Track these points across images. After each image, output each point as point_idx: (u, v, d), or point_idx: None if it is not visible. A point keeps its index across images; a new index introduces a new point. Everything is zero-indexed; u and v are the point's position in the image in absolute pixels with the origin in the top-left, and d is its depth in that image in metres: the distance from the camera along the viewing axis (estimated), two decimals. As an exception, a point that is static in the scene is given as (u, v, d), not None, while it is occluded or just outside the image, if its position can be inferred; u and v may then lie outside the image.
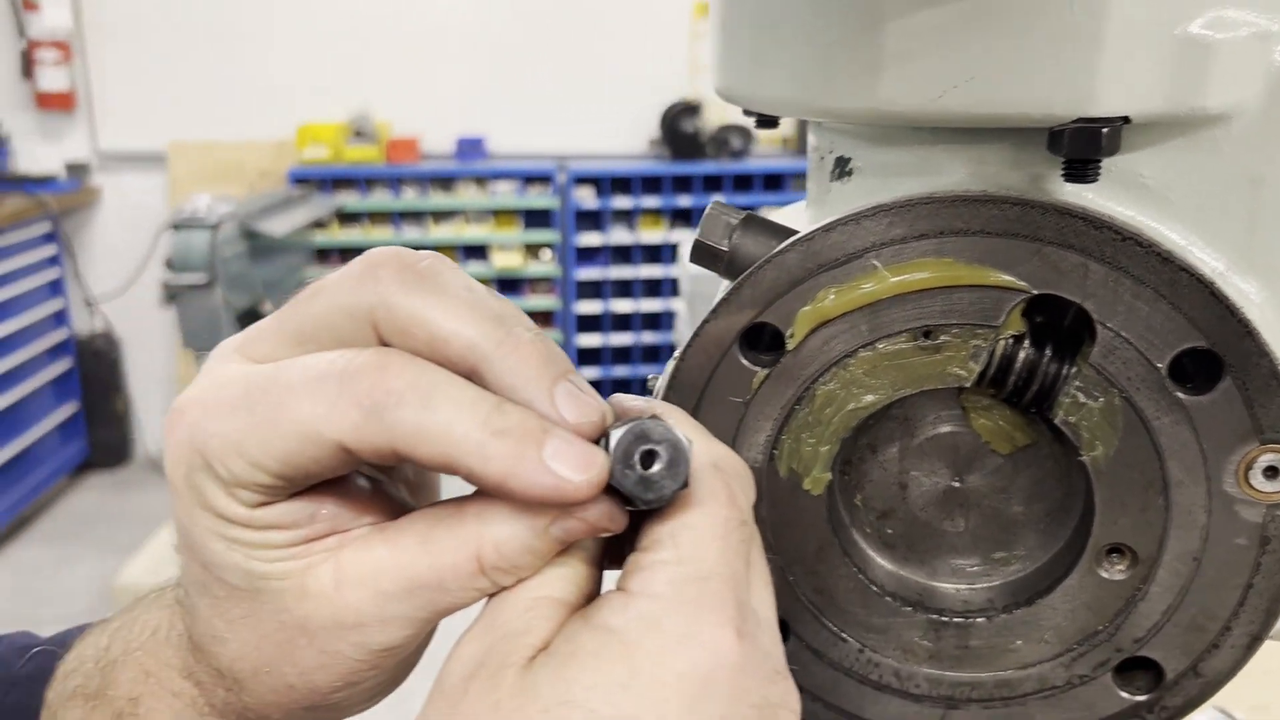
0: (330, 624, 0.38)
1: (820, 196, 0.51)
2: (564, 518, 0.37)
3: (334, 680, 0.40)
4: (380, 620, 0.38)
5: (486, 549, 0.37)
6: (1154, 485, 0.44)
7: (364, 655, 0.39)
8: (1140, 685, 0.46)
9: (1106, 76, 0.40)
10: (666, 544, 0.37)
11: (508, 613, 0.37)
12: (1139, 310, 0.42)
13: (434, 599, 0.38)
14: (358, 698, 0.42)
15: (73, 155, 4.77)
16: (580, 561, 0.39)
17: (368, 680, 0.41)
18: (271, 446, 0.36)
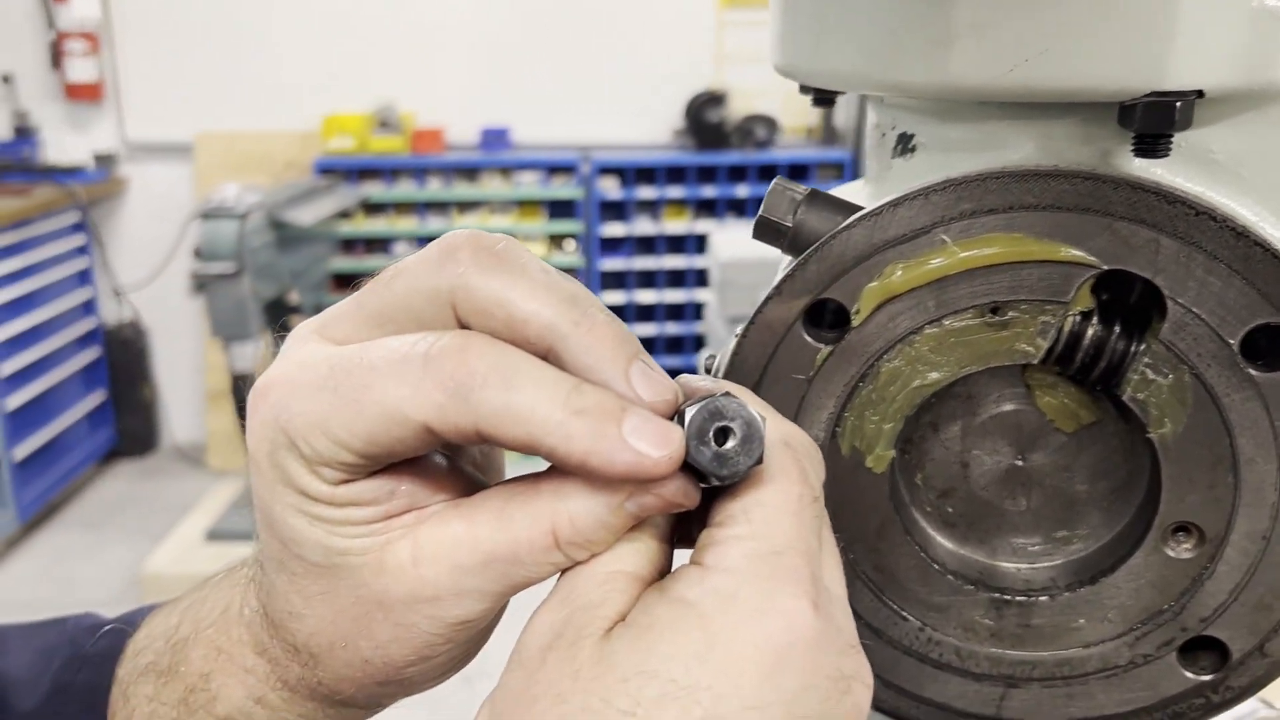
0: (407, 598, 0.39)
1: (881, 174, 0.51)
2: (640, 493, 0.37)
3: (408, 654, 0.40)
4: (456, 594, 0.39)
5: (562, 524, 0.37)
6: (1223, 463, 0.43)
7: (439, 629, 0.39)
8: (1205, 665, 0.46)
9: (1181, 50, 0.40)
10: (740, 519, 0.37)
11: (583, 585, 0.37)
12: (1211, 286, 0.42)
13: (509, 572, 0.38)
14: (430, 672, 0.42)
15: (101, 146, 4.80)
16: (652, 537, 0.39)
17: (441, 654, 0.41)
18: (356, 426, 0.37)
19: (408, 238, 4.78)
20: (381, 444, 0.37)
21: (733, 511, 0.37)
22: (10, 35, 4.68)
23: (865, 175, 0.54)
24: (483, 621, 0.41)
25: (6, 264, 3.99)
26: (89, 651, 0.50)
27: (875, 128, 0.51)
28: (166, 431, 5.04)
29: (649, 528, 0.39)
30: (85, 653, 0.50)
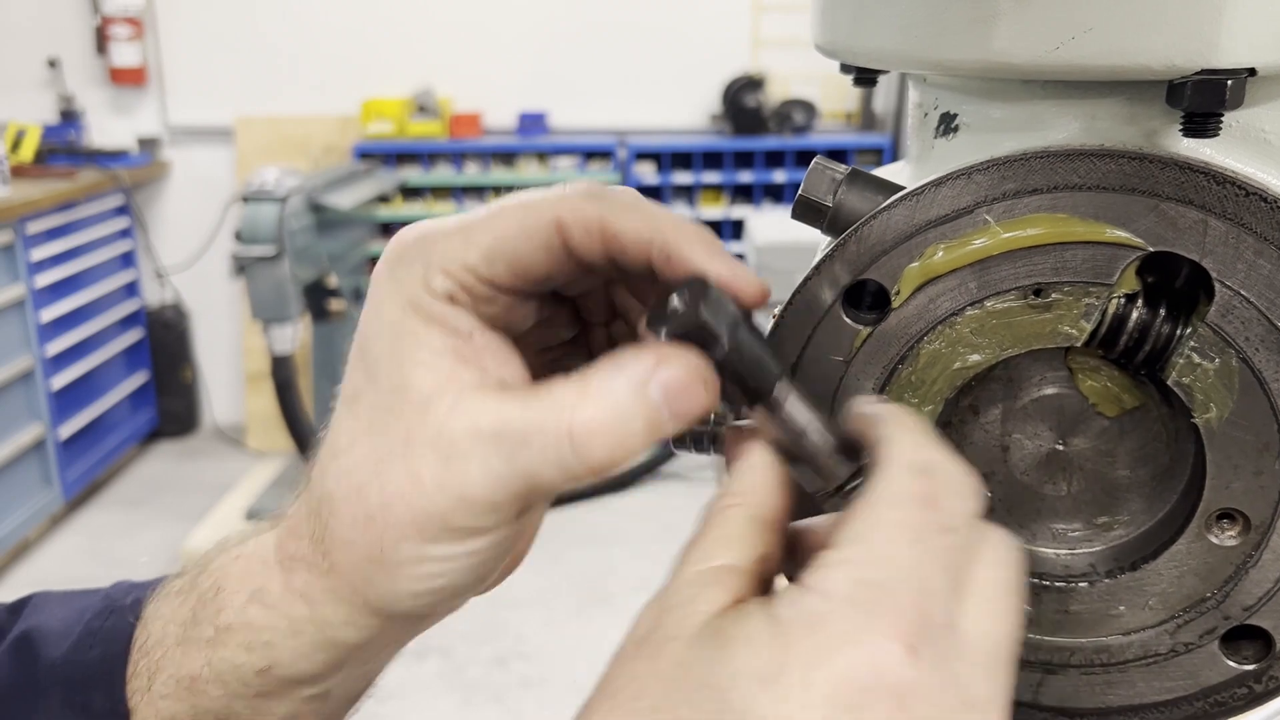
0: (428, 440, 0.40)
1: (923, 154, 0.50)
2: (662, 368, 0.38)
3: (406, 521, 0.41)
4: (464, 456, 0.40)
5: (579, 418, 0.39)
6: (1270, 448, 0.43)
7: (442, 499, 0.40)
8: (1248, 655, 0.45)
9: (1232, 27, 0.39)
10: (853, 543, 0.35)
11: (678, 583, 0.37)
12: (1261, 268, 0.41)
13: (518, 453, 0.39)
14: (423, 590, 0.42)
15: (144, 129, 4.86)
16: (756, 529, 0.38)
17: (436, 560, 0.41)
18: (493, 229, 0.41)
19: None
20: (507, 252, 0.41)
21: (848, 533, 0.35)
22: (56, 20, 4.74)
23: (907, 156, 0.54)
24: (482, 531, 0.41)
25: (52, 246, 4.06)
26: (120, 603, 0.50)
27: (917, 107, 0.51)
28: (207, 412, 5.11)
29: (757, 523, 0.38)
30: (117, 604, 0.50)
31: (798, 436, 0.41)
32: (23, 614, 0.51)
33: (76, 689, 0.48)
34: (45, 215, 4.00)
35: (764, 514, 0.39)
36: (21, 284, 3.88)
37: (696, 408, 0.39)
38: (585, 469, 0.39)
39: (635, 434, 0.39)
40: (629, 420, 0.39)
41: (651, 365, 0.39)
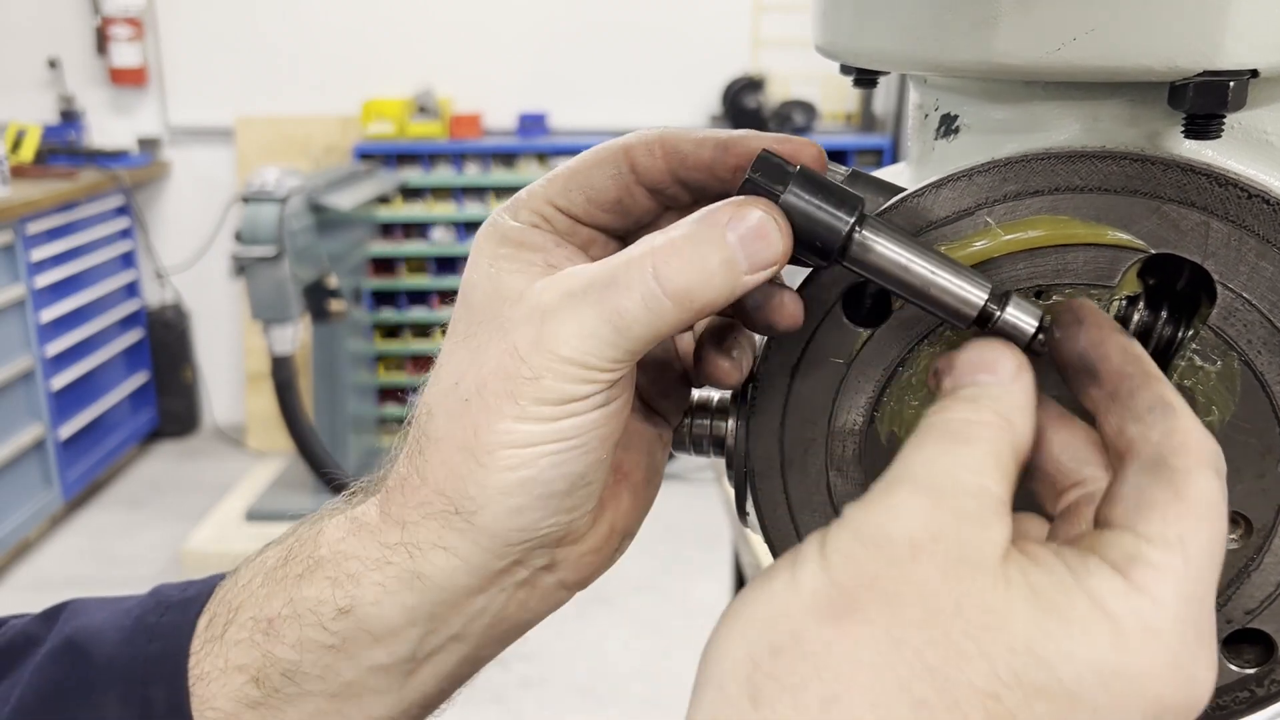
0: (523, 316, 0.42)
1: (924, 155, 0.50)
2: (735, 211, 0.40)
3: (501, 396, 0.42)
4: (556, 314, 0.41)
5: (659, 242, 0.41)
6: (1272, 452, 0.42)
7: (538, 361, 0.41)
8: (1250, 658, 0.45)
9: (1235, 28, 0.39)
10: (1175, 546, 0.34)
11: (954, 483, 0.35)
12: (1263, 271, 0.41)
13: (606, 295, 0.41)
14: (513, 483, 0.42)
15: (144, 130, 4.87)
16: (1017, 464, 0.37)
17: (527, 443, 0.42)
18: (569, 165, 0.47)
19: (445, 223, 4.80)
20: (580, 180, 0.46)
21: (1166, 532, 0.35)
22: (57, 21, 4.75)
23: (907, 157, 0.53)
24: (577, 391, 0.42)
25: (52, 246, 4.06)
26: (173, 599, 0.49)
27: (918, 109, 0.50)
28: (207, 413, 5.11)
29: (1014, 449, 0.37)
30: (171, 600, 0.49)
31: (901, 278, 0.41)
32: (59, 619, 0.50)
33: (135, 685, 0.46)
34: (45, 215, 4.00)
35: (1022, 446, 0.37)
36: (21, 284, 3.88)
37: (770, 251, 0.41)
38: (668, 295, 0.40)
39: (713, 268, 0.40)
40: (706, 252, 0.40)
41: (726, 209, 0.41)
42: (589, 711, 3.19)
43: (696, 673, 0.36)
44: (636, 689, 3.28)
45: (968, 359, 0.39)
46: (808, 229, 0.41)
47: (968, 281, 0.40)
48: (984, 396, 0.38)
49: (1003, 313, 0.40)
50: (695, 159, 0.45)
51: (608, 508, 0.48)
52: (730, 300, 0.41)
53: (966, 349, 0.39)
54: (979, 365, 0.39)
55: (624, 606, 3.71)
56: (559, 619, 2.02)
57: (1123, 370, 0.38)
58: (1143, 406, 0.37)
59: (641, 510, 0.51)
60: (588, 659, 3.41)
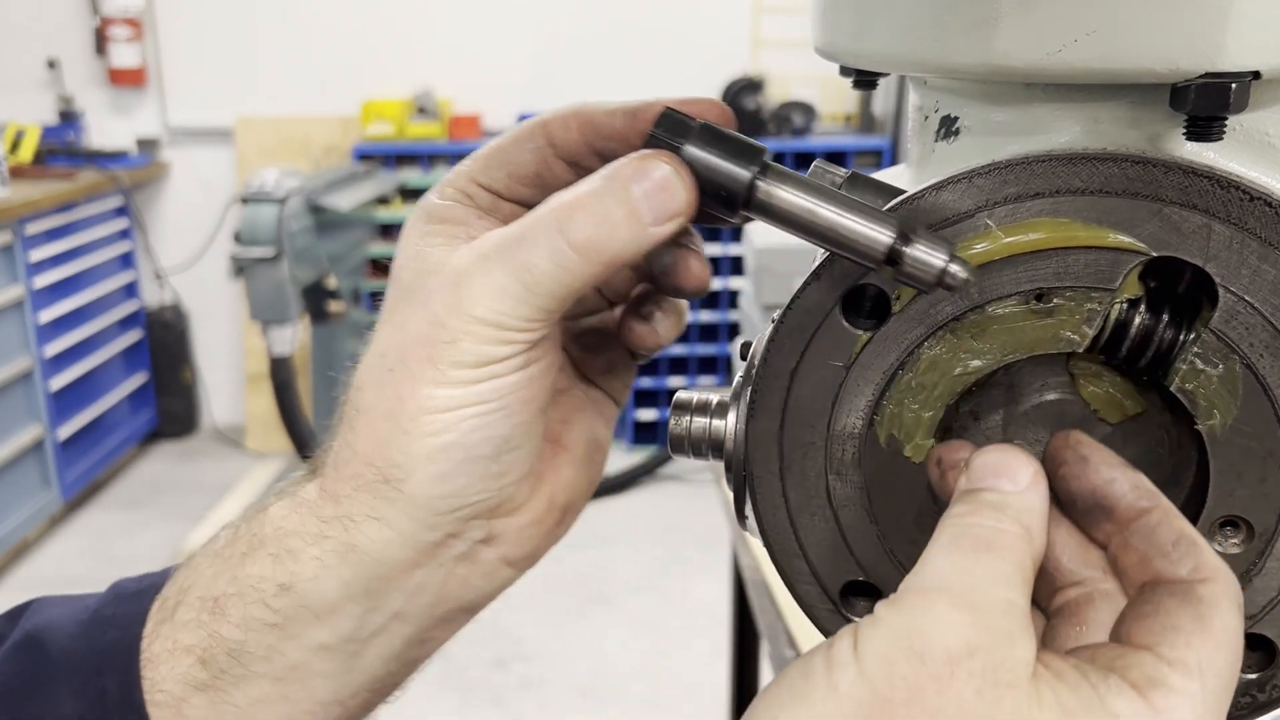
0: (443, 284, 0.43)
1: (924, 157, 0.50)
2: (637, 164, 0.42)
3: (421, 362, 0.43)
4: (470, 276, 0.43)
5: (565, 199, 0.42)
6: (1274, 455, 0.42)
7: (455, 324, 0.42)
8: (1251, 663, 0.45)
9: (1237, 29, 0.39)
10: (1195, 673, 0.36)
11: (989, 600, 0.36)
12: (1265, 274, 0.40)
13: (515, 253, 0.42)
14: (437, 448, 0.43)
15: (143, 130, 4.86)
16: (1033, 574, 0.38)
17: (450, 408, 0.43)
18: (490, 143, 0.48)
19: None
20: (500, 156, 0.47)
21: (1185, 655, 0.36)
22: (56, 21, 4.74)
23: (907, 159, 0.53)
24: (493, 354, 0.43)
25: (51, 247, 4.06)
26: (132, 589, 0.49)
27: (918, 110, 0.50)
28: (206, 413, 5.11)
29: (1035, 560, 0.38)
30: (126, 591, 0.49)
31: (808, 222, 0.42)
32: (23, 617, 0.51)
33: (90, 676, 0.46)
34: (44, 216, 4.00)
35: (1039, 556, 0.39)
36: (20, 285, 3.87)
37: (674, 202, 0.42)
38: (573, 249, 0.42)
39: (617, 221, 0.42)
40: (610, 205, 0.42)
41: (629, 164, 0.42)
42: (588, 712, 3.18)
43: None
44: (636, 689, 3.28)
45: (987, 462, 0.40)
46: (712, 180, 0.43)
47: (875, 222, 0.41)
48: (1007, 505, 0.39)
49: (909, 249, 0.41)
50: (608, 128, 0.46)
51: (546, 479, 0.49)
52: (638, 252, 0.43)
53: (985, 452, 0.41)
54: (999, 470, 0.40)
55: (623, 607, 3.70)
56: (558, 619, 2.03)
57: (1137, 506, 0.40)
58: (1166, 541, 0.39)
59: (584, 484, 0.51)
60: (587, 659, 3.41)
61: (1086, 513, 0.41)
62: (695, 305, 4.98)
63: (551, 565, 2.22)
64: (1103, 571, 0.41)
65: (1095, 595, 0.40)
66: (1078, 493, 0.41)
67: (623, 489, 4.55)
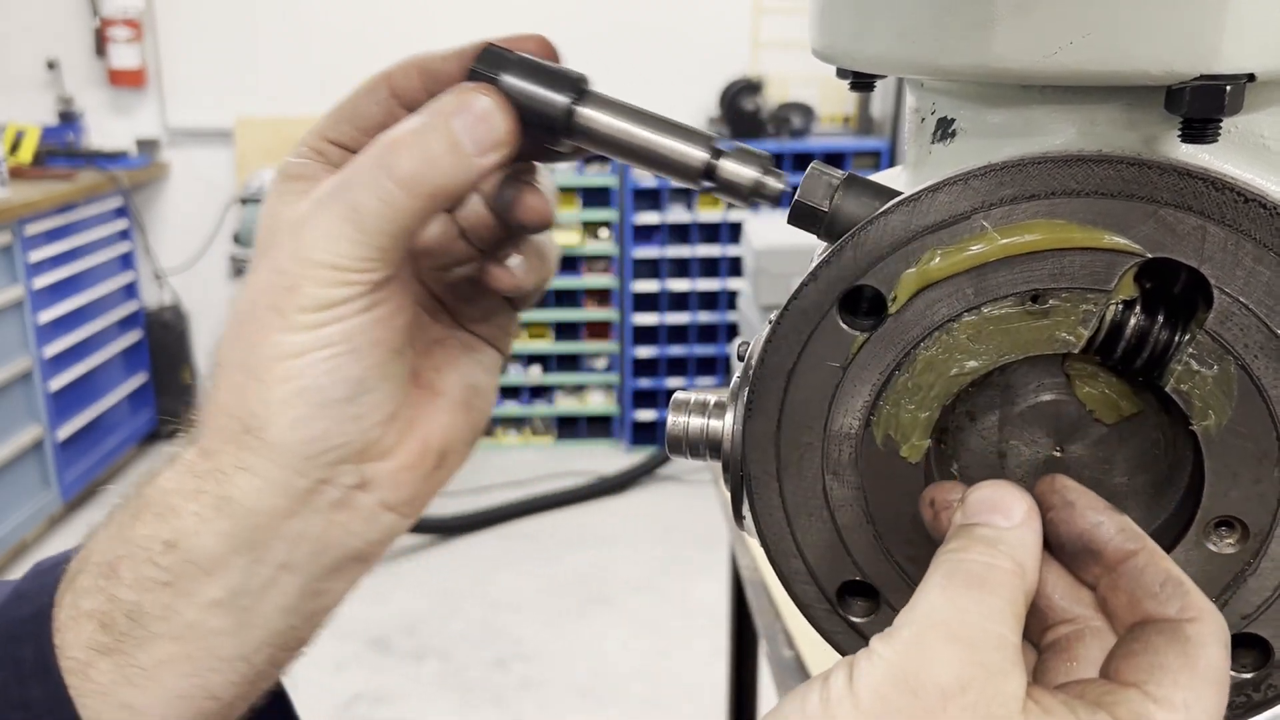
0: (284, 231, 0.45)
1: (920, 159, 0.50)
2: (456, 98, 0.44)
3: (267, 311, 0.44)
4: (306, 221, 0.44)
5: (388, 137, 0.44)
6: (1269, 456, 0.42)
7: (294, 269, 0.44)
8: (1246, 663, 0.45)
9: (1232, 32, 0.39)
10: (1181, 711, 0.36)
11: (981, 634, 0.36)
12: (1260, 275, 0.41)
13: (343, 193, 0.44)
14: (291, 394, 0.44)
15: (143, 131, 4.87)
16: (1025, 609, 0.39)
17: (298, 353, 0.44)
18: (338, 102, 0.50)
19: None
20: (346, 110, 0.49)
21: (1172, 694, 0.37)
22: (56, 22, 4.75)
23: (904, 161, 0.53)
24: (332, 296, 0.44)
25: (51, 248, 4.06)
26: (49, 564, 0.50)
27: (915, 112, 0.50)
28: (205, 414, 5.10)
29: (1027, 596, 0.39)
30: (45, 565, 0.50)
31: (627, 144, 0.45)
32: None
33: (7, 647, 0.47)
34: (44, 217, 4.00)
35: (1032, 592, 0.39)
36: (20, 285, 3.87)
37: (494, 132, 0.44)
38: (396, 184, 0.43)
39: (438, 153, 0.43)
40: (431, 139, 0.44)
41: (449, 98, 0.44)
42: (588, 712, 3.18)
43: None
44: (636, 689, 3.28)
45: (981, 498, 0.41)
46: (531, 109, 0.45)
47: (690, 141, 0.44)
48: (1001, 541, 0.39)
49: (723, 163, 0.45)
50: (446, 75, 0.47)
51: (418, 424, 0.50)
52: (464, 183, 0.44)
53: (980, 488, 0.41)
54: (993, 506, 0.41)
55: (623, 607, 3.70)
56: (557, 619, 2.03)
57: (1124, 549, 0.41)
58: (1153, 583, 0.40)
59: (464, 430, 0.52)
60: (587, 659, 3.41)
61: (1075, 556, 0.42)
62: (695, 306, 4.98)
63: (551, 565, 2.24)
64: (1094, 609, 0.42)
65: (1086, 632, 0.41)
66: (1065, 537, 0.42)
67: (622, 489, 4.55)
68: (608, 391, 5.14)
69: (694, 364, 5.05)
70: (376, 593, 3.80)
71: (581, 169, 4.83)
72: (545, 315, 5.00)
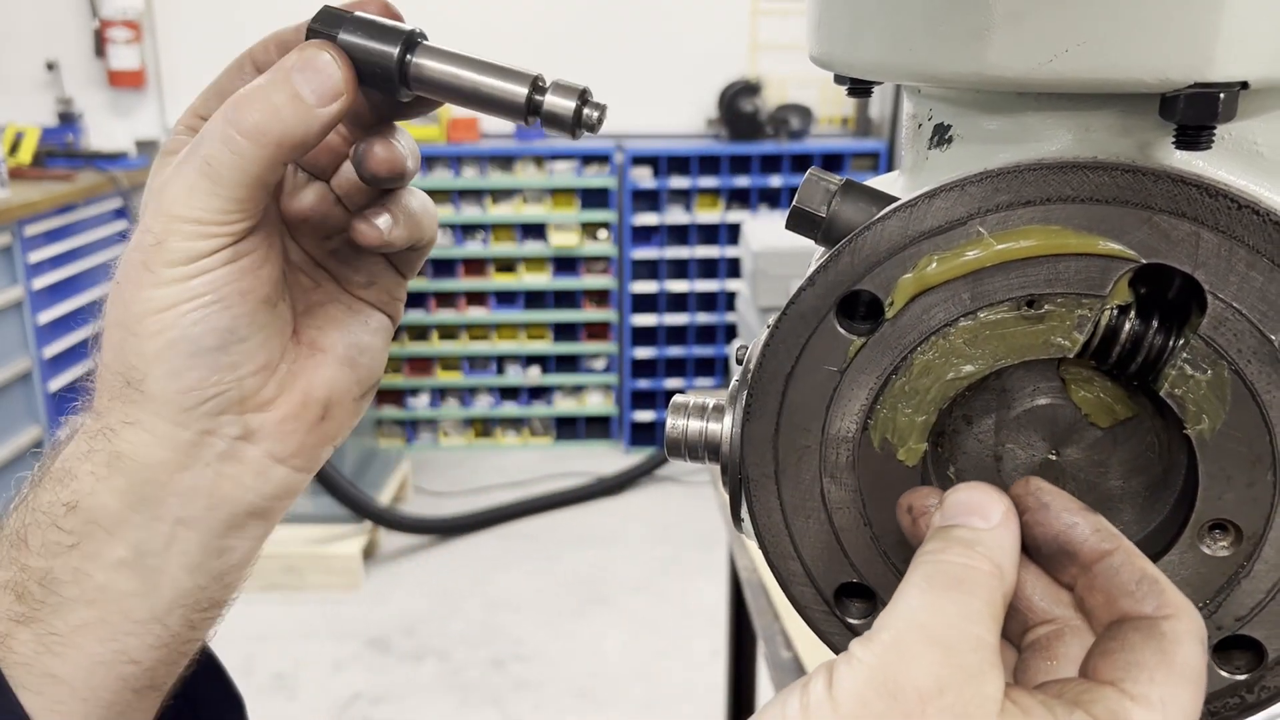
0: (153, 198, 0.48)
1: (917, 164, 0.50)
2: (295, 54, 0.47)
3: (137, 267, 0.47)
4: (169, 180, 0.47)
5: (236, 95, 0.48)
6: (1263, 460, 0.43)
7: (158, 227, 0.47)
8: (1240, 664, 0.45)
9: (1226, 40, 0.39)
10: (1158, 708, 0.37)
11: (959, 635, 0.36)
12: (1253, 281, 0.41)
13: (197, 148, 0.47)
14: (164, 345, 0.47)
15: (142, 132, 4.87)
16: (1003, 611, 0.39)
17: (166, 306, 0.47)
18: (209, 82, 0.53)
19: (442, 225, 4.81)
20: (216, 88, 0.51)
21: (1149, 691, 0.37)
22: (55, 24, 4.75)
23: (901, 166, 0.54)
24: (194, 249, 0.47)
25: (50, 248, 4.05)
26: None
27: (911, 118, 0.51)
28: (204, 415, 5.11)
29: (1005, 598, 0.39)
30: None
31: (456, 87, 0.49)
32: None
33: None
34: (43, 218, 4.00)
35: (1010, 593, 0.39)
36: (20, 286, 3.87)
37: (331, 82, 0.47)
38: (242, 135, 0.46)
39: (280, 104, 0.47)
40: (272, 91, 0.47)
41: (290, 56, 0.48)
42: (587, 712, 3.19)
43: None
44: (634, 690, 3.28)
45: (959, 500, 0.41)
46: (367, 61, 0.49)
47: (513, 80, 0.49)
48: (979, 543, 0.39)
49: (545, 98, 0.49)
50: (298, 43, 0.49)
51: (299, 377, 0.52)
52: (309, 133, 0.47)
53: (957, 491, 0.42)
54: (971, 508, 0.41)
55: (622, 607, 3.71)
56: (556, 620, 2.03)
57: (1100, 549, 0.41)
58: (1129, 581, 0.40)
59: (348, 385, 0.54)
60: (585, 660, 3.42)
61: (1052, 557, 0.42)
62: (693, 308, 4.98)
63: (550, 566, 2.25)
64: (1073, 609, 0.42)
65: (1066, 631, 0.42)
66: (1041, 539, 0.42)
67: (621, 490, 4.55)
68: (606, 392, 5.14)
69: (692, 365, 5.06)
70: (375, 593, 3.80)
71: (580, 171, 4.83)
72: (544, 316, 5.00)
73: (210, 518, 0.49)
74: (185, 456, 0.48)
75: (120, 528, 0.48)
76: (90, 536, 0.48)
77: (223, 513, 0.50)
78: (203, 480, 0.49)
